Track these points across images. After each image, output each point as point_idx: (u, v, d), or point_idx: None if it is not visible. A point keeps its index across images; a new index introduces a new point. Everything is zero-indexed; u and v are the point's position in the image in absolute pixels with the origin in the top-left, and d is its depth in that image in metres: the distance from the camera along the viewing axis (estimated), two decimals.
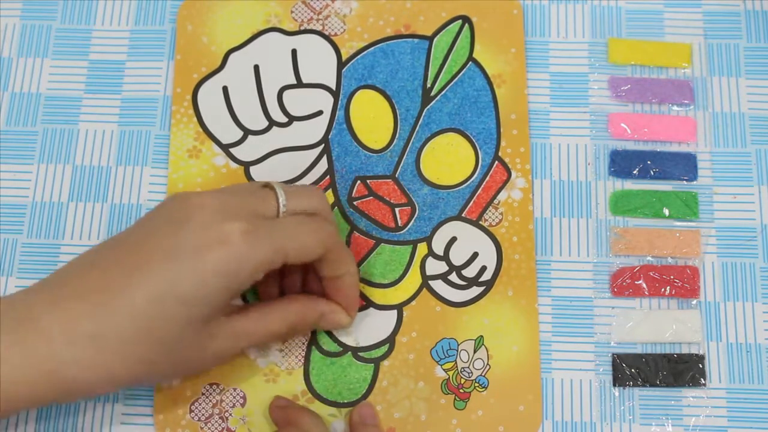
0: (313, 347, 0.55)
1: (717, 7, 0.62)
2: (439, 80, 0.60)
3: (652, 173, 0.58)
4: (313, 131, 0.59)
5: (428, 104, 0.59)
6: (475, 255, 0.56)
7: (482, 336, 0.55)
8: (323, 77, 0.60)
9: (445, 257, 0.57)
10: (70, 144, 0.59)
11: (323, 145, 0.59)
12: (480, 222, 0.57)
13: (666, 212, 0.57)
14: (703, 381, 0.54)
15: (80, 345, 0.44)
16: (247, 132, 0.59)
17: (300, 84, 0.60)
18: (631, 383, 0.54)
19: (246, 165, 0.58)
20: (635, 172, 0.58)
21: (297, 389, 0.54)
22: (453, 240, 0.57)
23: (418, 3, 0.61)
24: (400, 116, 0.59)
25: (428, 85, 0.60)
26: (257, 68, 0.60)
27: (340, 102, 0.60)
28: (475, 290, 0.56)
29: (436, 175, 0.58)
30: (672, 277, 0.56)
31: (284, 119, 0.59)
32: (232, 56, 0.61)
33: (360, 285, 0.55)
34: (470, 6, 0.61)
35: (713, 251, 0.57)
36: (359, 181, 0.58)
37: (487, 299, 0.56)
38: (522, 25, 0.61)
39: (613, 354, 0.55)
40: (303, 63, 0.60)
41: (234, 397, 0.54)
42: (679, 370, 0.54)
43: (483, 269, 0.56)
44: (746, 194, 0.58)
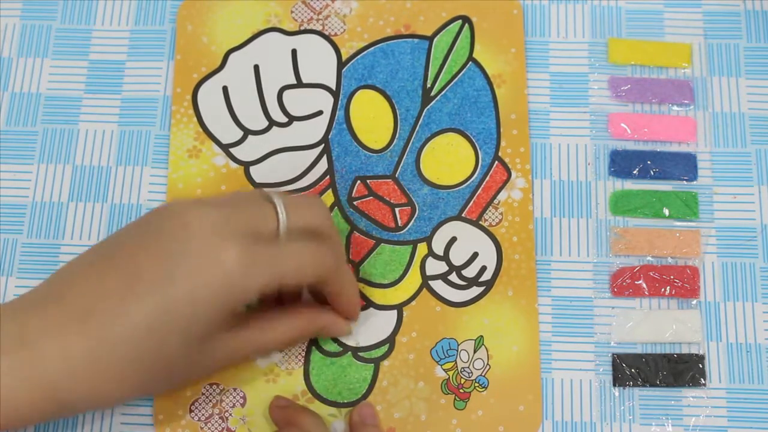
0: (313, 347, 0.55)
1: (717, 7, 0.62)
2: (439, 80, 0.60)
3: (652, 173, 0.58)
4: (313, 131, 0.59)
5: (428, 104, 0.59)
6: (475, 255, 0.56)
7: (482, 336, 0.55)
8: (323, 77, 0.60)
9: (445, 257, 0.57)
10: (70, 144, 0.59)
11: (323, 145, 0.59)
12: (480, 222, 0.57)
13: (666, 212, 0.57)
14: (703, 381, 0.54)
15: (79, 371, 0.44)
16: (247, 132, 0.59)
17: (300, 84, 0.60)
18: (631, 383, 0.54)
19: (246, 165, 0.58)
20: (635, 172, 0.58)
21: (297, 389, 0.54)
22: (453, 240, 0.57)
23: (418, 3, 0.61)
24: (400, 116, 0.59)
25: (428, 85, 0.60)
26: (257, 68, 0.60)
27: (340, 102, 0.60)
28: (475, 290, 0.56)
29: (436, 175, 0.58)
30: (672, 277, 0.56)
31: (284, 119, 0.59)
32: (232, 56, 0.61)
33: (360, 285, 0.55)
34: (470, 6, 0.61)
35: (713, 251, 0.57)
36: (359, 181, 0.58)
37: (487, 299, 0.56)
38: (522, 25, 0.61)
39: (613, 354, 0.55)
40: (303, 63, 0.60)
41: (234, 397, 0.54)
42: (679, 370, 0.54)
43: (483, 269, 0.56)
44: (746, 194, 0.58)
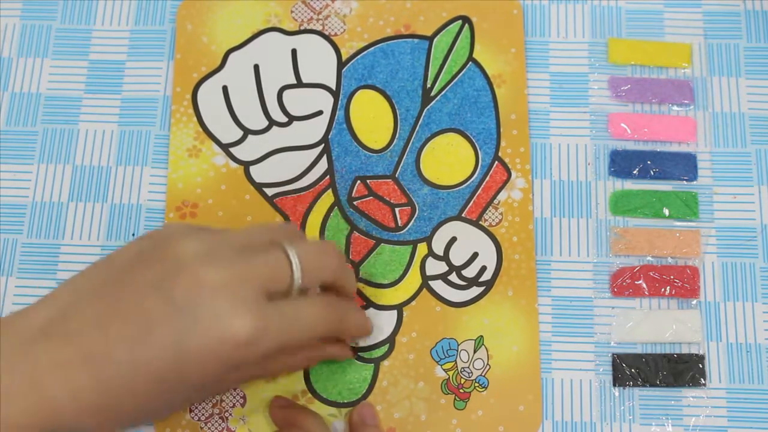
0: None
1: (717, 7, 0.62)
2: (439, 80, 0.60)
3: (652, 173, 0.58)
4: (313, 131, 0.59)
5: (428, 104, 0.59)
6: (475, 255, 0.56)
7: (482, 336, 0.55)
8: (323, 77, 0.60)
9: (445, 257, 0.57)
10: (70, 144, 0.59)
11: (323, 145, 0.59)
12: (480, 222, 0.57)
13: (666, 212, 0.57)
14: (703, 381, 0.54)
15: (87, 412, 0.43)
16: (247, 132, 0.59)
17: (300, 84, 0.60)
18: (631, 383, 0.54)
19: (246, 164, 0.58)
20: (635, 172, 0.58)
21: (297, 389, 0.54)
22: (453, 240, 0.57)
23: (418, 3, 0.61)
24: (400, 116, 0.59)
25: (428, 85, 0.60)
26: (257, 68, 0.60)
27: (340, 102, 0.60)
28: (475, 290, 0.56)
29: (436, 175, 0.58)
30: (672, 277, 0.56)
31: (284, 119, 0.59)
32: (232, 56, 0.61)
33: (360, 285, 0.55)
34: (470, 6, 0.61)
35: (713, 251, 0.57)
36: (359, 181, 0.58)
37: (487, 299, 0.56)
38: (522, 25, 0.61)
39: (613, 354, 0.55)
40: (303, 63, 0.60)
41: (234, 397, 0.54)
42: (679, 370, 0.54)
43: (483, 269, 0.56)
44: (746, 194, 0.58)
